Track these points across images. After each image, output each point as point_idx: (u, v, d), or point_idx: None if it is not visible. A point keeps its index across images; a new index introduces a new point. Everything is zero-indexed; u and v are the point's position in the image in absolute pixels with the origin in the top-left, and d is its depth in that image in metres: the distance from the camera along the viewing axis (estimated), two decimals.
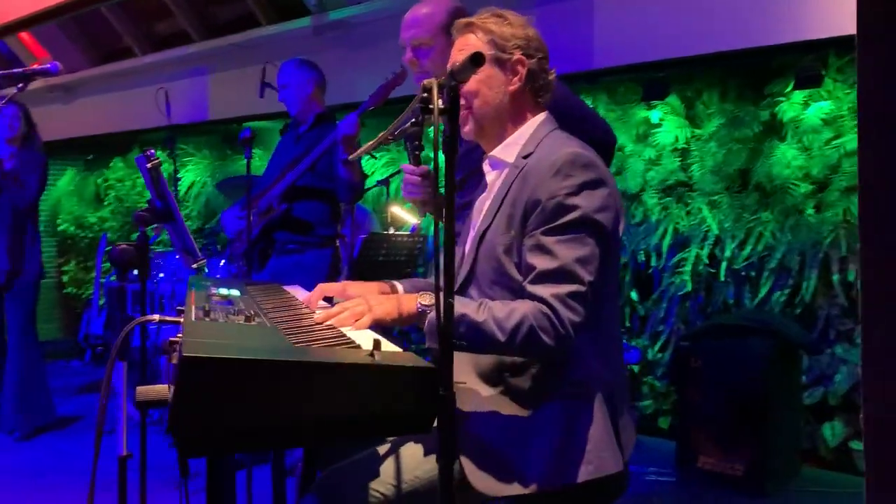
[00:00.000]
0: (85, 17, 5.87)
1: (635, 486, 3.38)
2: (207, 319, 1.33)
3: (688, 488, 3.36)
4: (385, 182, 4.41)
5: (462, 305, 1.50)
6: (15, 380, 4.14)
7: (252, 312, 1.45)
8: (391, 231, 4.36)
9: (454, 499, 1.06)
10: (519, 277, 1.60)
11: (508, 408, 1.60)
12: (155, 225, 1.91)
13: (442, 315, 1.05)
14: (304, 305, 1.71)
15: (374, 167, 5.45)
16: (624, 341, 4.12)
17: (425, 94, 1.16)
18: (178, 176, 6.69)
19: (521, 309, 1.50)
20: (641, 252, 4.53)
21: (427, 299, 1.54)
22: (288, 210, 3.38)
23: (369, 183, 5.39)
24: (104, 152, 7.49)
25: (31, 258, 4.12)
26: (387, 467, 1.54)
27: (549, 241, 1.54)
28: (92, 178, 7.64)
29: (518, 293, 1.59)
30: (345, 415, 1.02)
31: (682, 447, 3.46)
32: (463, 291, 1.72)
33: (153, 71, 5.85)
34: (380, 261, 3.92)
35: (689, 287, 4.31)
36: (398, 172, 3.69)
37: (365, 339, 1.35)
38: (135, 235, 6.10)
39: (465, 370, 1.66)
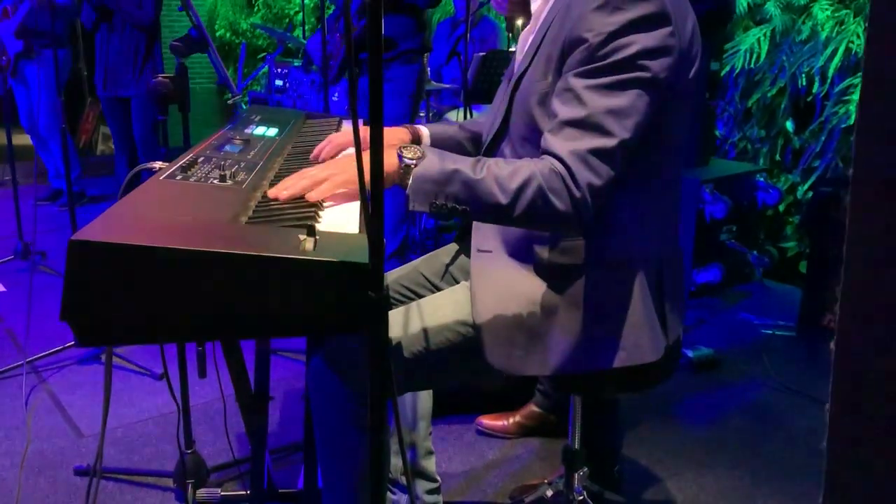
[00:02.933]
0: None
1: (748, 336, 3.13)
2: (178, 178, 1.23)
3: (804, 346, 3.06)
4: None
5: (452, 161, 1.27)
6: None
7: (241, 168, 1.34)
8: (513, 48, 4.00)
9: (384, 408, 0.95)
10: None
11: (534, 281, 1.41)
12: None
13: (368, 205, 0.87)
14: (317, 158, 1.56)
15: None
16: (763, 180, 3.67)
17: None
18: None
19: (529, 167, 1.24)
20: (803, 75, 3.92)
21: (411, 152, 1.28)
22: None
23: None
24: None
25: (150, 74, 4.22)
26: (400, 333, 1.45)
27: (578, 84, 1.26)
28: None
29: None
30: (256, 310, 0.90)
31: (807, 302, 3.12)
32: (495, 148, 1.50)
33: None
34: (500, 80, 3.63)
35: (853, 120, 3.71)
36: None
37: (342, 215, 1.21)
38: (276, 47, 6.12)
39: (491, 236, 1.48)
